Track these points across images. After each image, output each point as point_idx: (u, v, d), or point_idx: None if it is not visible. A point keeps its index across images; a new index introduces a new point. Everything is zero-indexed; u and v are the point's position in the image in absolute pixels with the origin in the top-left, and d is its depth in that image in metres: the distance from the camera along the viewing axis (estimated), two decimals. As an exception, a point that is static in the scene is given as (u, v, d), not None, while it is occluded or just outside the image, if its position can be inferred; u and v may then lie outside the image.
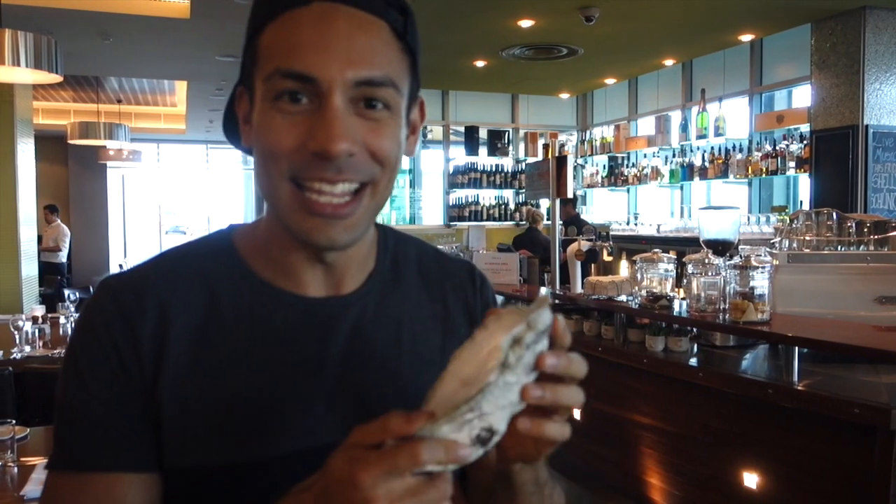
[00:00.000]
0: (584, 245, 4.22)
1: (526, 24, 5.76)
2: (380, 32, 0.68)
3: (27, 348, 3.75)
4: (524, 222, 8.21)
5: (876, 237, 2.98)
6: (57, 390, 0.73)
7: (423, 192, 8.99)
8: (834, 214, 3.08)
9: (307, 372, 0.74)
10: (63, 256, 10.00)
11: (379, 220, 0.80)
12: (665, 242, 6.01)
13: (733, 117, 6.81)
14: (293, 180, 0.67)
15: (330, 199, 0.67)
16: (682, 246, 5.33)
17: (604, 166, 8.80)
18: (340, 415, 0.75)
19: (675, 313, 3.08)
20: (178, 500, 0.73)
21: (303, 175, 0.67)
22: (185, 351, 0.72)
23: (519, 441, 0.61)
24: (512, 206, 8.92)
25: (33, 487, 1.97)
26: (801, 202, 6.21)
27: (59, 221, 10.05)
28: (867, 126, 5.41)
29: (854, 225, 3.03)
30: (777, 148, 6.24)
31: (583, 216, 7.93)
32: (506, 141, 8.91)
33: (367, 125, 0.67)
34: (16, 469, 2.13)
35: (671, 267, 3.25)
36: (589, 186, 9.05)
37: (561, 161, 4.37)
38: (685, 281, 3.05)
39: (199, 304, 0.74)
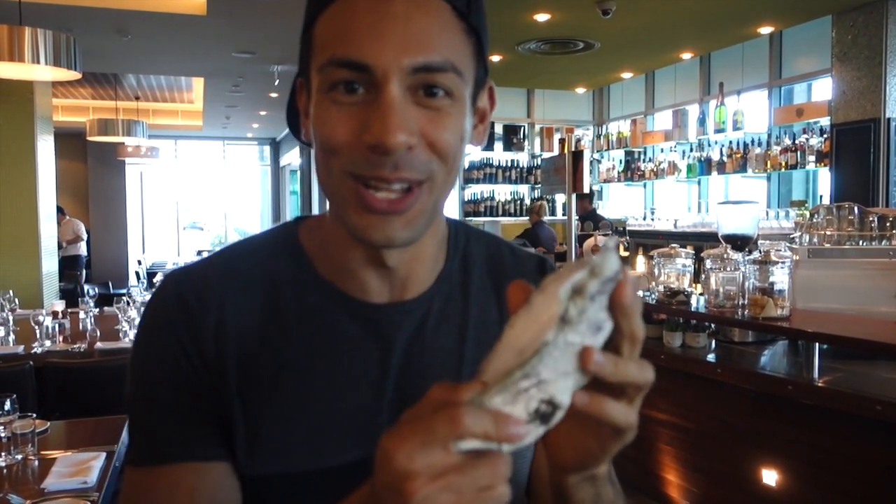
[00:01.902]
0: (601, 240, 4.19)
1: (542, 17, 5.73)
2: (439, 13, 0.63)
3: (47, 343, 3.79)
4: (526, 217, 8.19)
5: (898, 232, 2.93)
6: (126, 387, 0.73)
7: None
8: (855, 209, 3.03)
9: (369, 382, 0.72)
10: (83, 248, 10.11)
11: None
12: (682, 238, 5.95)
13: (752, 111, 6.74)
14: (352, 175, 0.63)
15: (387, 195, 0.63)
16: (700, 241, 5.27)
17: (620, 161, 8.74)
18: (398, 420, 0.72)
19: (692, 309, 3.06)
20: None
21: (361, 171, 0.63)
22: (247, 354, 0.70)
23: (574, 432, 0.53)
24: (527, 201, 8.89)
25: (54, 480, 2.00)
26: (821, 196, 6.14)
27: (68, 217, 10.15)
28: (889, 119, 5.33)
29: (876, 219, 2.99)
30: (796, 142, 6.16)
31: (599, 211, 7.89)
32: (521, 136, 8.88)
33: (426, 114, 0.63)
34: (36, 462, 2.16)
35: (689, 262, 3.22)
36: (605, 181, 8.99)
37: (577, 156, 4.35)
38: (703, 276, 3.02)
39: (260, 307, 0.72)
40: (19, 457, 2.15)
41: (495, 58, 7.10)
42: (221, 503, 0.69)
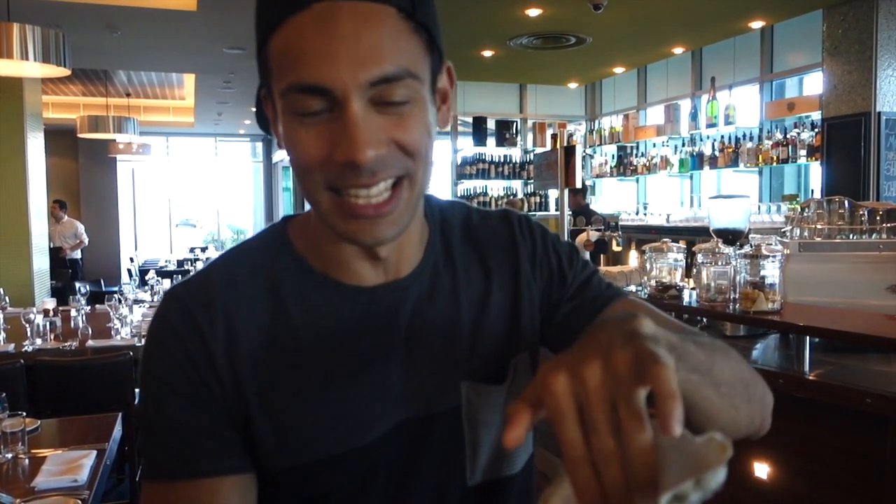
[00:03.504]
0: (593, 235, 4.20)
1: (534, 12, 5.73)
2: (386, 21, 0.64)
3: (38, 341, 3.78)
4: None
5: (888, 225, 2.94)
6: (138, 401, 0.77)
7: (430, 183, 8.97)
8: (846, 202, 3.04)
9: (378, 360, 0.76)
10: (79, 252, 10.02)
11: None
12: (674, 232, 5.98)
13: (743, 105, 6.75)
14: (330, 189, 0.66)
15: (368, 201, 0.66)
16: (692, 235, 5.30)
17: (612, 156, 8.75)
18: (411, 392, 0.77)
19: (684, 303, 3.06)
20: (275, 498, 0.75)
21: (338, 183, 0.66)
22: (260, 356, 0.73)
23: None
24: (520, 196, 8.89)
25: (44, 479, 1.99)
26: (812, 191, 6.16)
27: (67, 218, 10.02)
28: (880, 113, 5.35)
29: (866, 213, 3.00)
30: (788, 136, 6.18)
31: (591, 206, 7.89)
32: (514, 131, 8.86)
33: (391, 120, 0.65)
34: (27, 461, 2.15)
35: (681, 256, 3.23)
36: (598, 176, 9.00)
37: (569, 151, 4.34)
38: (695, 271, 3.03)
39: (265, 307, 0.75)
40: (9, 455, 2.14)
41: (487, 53, 7.10)
42: None
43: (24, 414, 2.28)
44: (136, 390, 3.71)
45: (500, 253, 0.85)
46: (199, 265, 9.72)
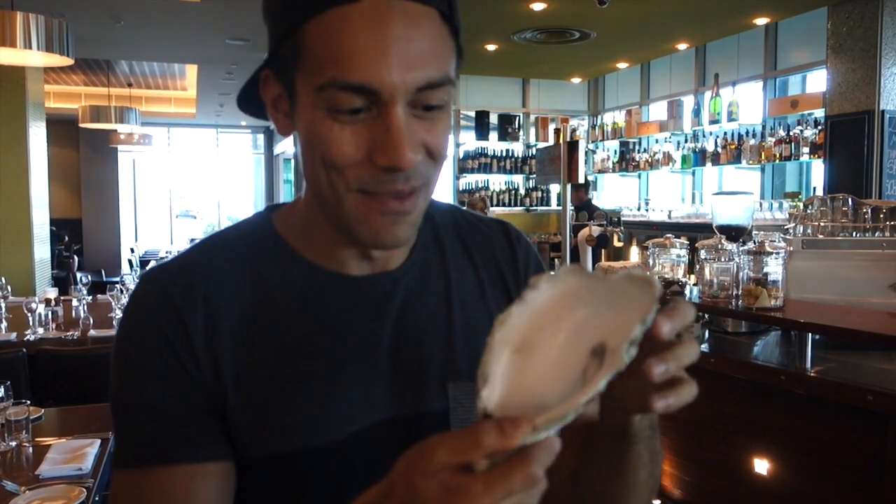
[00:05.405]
0: (595, 230, 4.20)
1: (538, 7, 5.71)
2: (432, 24, 0.64)
3: (40, 330, 3.78)
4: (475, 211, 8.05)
5: (891, 223, 2.95)
6: (110, 386, 0.73)
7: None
8: (849, 200, 3.04)
9: (363, 352, 0.74)
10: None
11: None
12: (676, 228, 5.97)
13: (747, 102, 6.75)
14: (363, 191, 0.66)
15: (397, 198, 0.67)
16: (693, 232, 5.29)
17: (615, 151, 8.74)
18: (397, 390, 0.75)
19: (687, 299, 3.07)
20: (254, 489, 0.73)
21: (374, 188, 0.65)
22: (240, 341, 0.71)
23: (642, 395, 0.58)
24: (522, 191, 8.90)
25: (48, 467, 2.00)
26: (814, 188, 6.16)
27: None
28: (883, 111, 5.34)
29: (869, 211, 3.00)
30: (791, 133, 6.17)
31: (594, 202, 7.89)
32: (516, 126, 8.86)
33: (423, 125, 0.65)
34: (31, 449, 2.16)
35: (683, 253, 3.23)
36: (600, 172, 8.99)
37: (572, 146, 4.34)
38: (697, 267, 3.03)
39: (247, 292, 0.73)
40: (13, 444, 2.15)
41: (490, 47, 7.08)
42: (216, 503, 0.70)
43: (28, 403, 2.29)
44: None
45: (498, 258, 0.86)
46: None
